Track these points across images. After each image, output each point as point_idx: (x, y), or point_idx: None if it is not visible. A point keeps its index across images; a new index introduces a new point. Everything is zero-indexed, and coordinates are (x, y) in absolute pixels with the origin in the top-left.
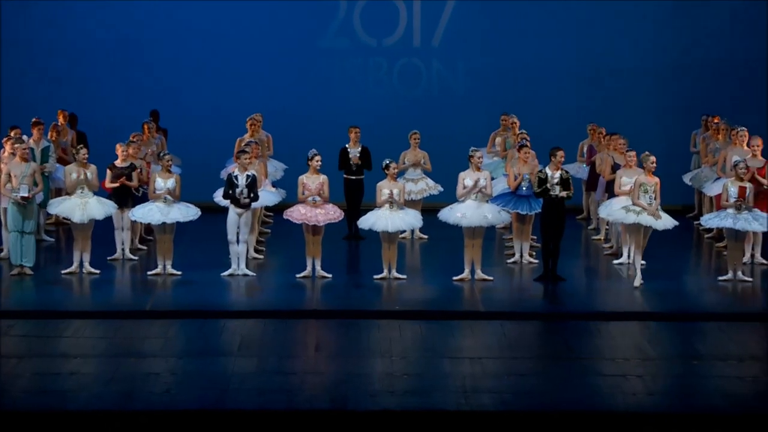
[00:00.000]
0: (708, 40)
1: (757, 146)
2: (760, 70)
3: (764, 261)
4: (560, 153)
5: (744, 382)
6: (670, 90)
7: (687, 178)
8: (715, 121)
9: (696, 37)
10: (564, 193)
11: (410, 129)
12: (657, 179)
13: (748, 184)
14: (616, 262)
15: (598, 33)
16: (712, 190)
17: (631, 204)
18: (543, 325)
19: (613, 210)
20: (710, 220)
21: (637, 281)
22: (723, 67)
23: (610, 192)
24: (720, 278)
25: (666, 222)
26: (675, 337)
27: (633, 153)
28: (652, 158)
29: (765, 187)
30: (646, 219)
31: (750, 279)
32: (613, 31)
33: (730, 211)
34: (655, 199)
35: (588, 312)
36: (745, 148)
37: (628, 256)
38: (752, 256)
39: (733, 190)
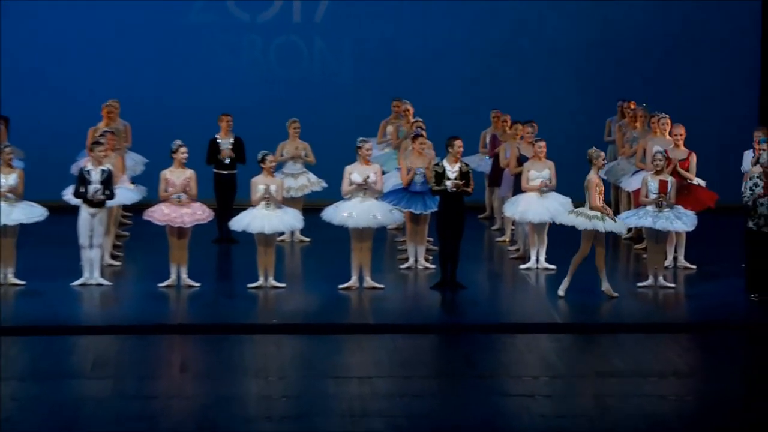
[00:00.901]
0: (624, 16)
1: (680, 135)
2: (682, 49)
3: (688, 265)
4: (458, 143)
5: (666, 402)
6: (583, 73)
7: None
8: (632, 106)
9: (611, 14)
10: (463, 189)
11: (289, 117)
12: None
13: (669, 178)
14: (522, 267)
15: (502, 10)
16: (630, 184)
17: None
18: (441, 339)
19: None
20: (628, 219)
21: (604, 286)
22: (641, 47)
23: (517, 188)
24: (639, 284)
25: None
26: (589, 352)
27: (542, 143)
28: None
29: (689, 181)
30: (610, 224)
31: (672, 285)
32: (519, 8)
33: (650, 208)
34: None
35: (491, 324)
36: (667, 137)
37: (537, 260)
38: (675, 259)
39: (654, 185)
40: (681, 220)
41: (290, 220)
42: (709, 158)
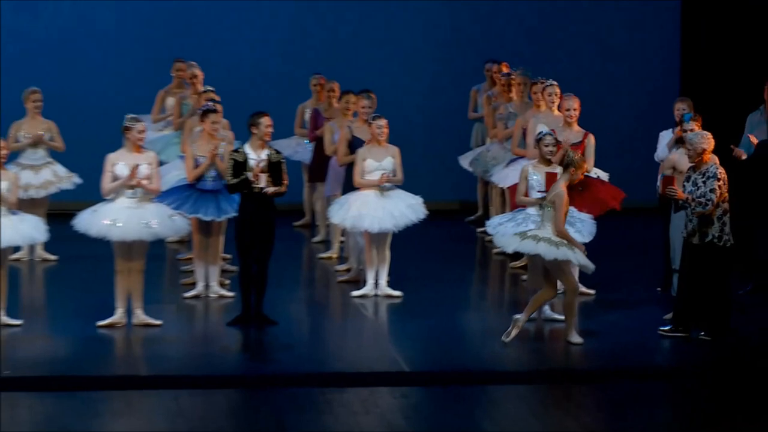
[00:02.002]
0: None
1: (574, 110)
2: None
3: (585, 289)
4: (265, 121)
5: None
6: (438, 25)
7: (465, 161)
8: (504, 70)
9: None
10: (272, 189)
11: (26, 87)
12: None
13: (559, 169)
14: (356, 293)
15: None
16: (504, 178)
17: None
18: (242, 395)
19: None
20: (500, 227)
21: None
22: None
23: (348, 183)
24: (516, 317)
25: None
26: (448, 410)
27: (383, 122)
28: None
29: (585, 173)
30: (582, 257)
31: (563, 317)
32: None
33: (532, 211)
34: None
35: (312, 374)
36: (556, 112)
37: (375, 284)
38: None
39: (537, 178)
40: (574, 228)
41: (29, 230)
42: (612, 142)
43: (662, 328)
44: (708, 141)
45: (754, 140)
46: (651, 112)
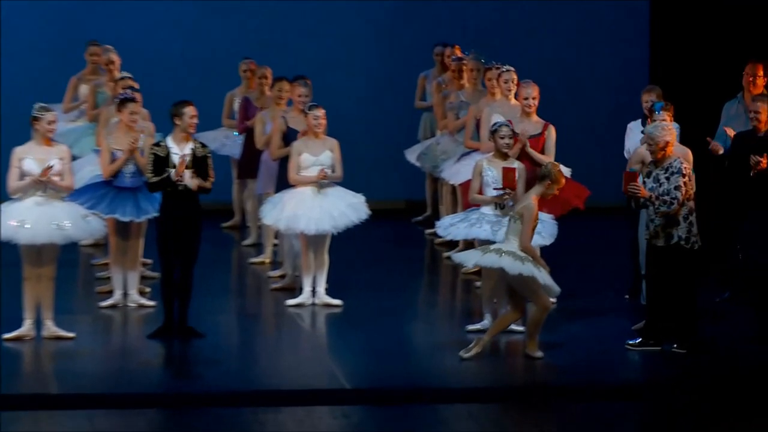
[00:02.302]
0: None
1: (533, 98)
2: None
3: None
4: (190, 111)
5: None
6: (385, 6)
7: (412, 155)
8: (456, 54)
9: None
10: (196, 182)
11: None
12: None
13: (517, 164)
14: (291, 302)
15: None
16: (456, 174)
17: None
18: (164, 414)
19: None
20: (452, 228)
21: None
22: None
23: (282, 180)
24: (470, 328)
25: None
26: (394, 431)
27: (321, 112)
28: None
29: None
30: (547, 277)
31: (521, 328)
32: None
33: (487, 210)
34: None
35: (242, 392)
36: (512, 101)
37: (313, 292)
38: None
39: (492, 174)
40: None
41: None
42: (576, 134)
43: (630, 342)
44: (670, 133)
45: (731, 132)
46: (619, 102)
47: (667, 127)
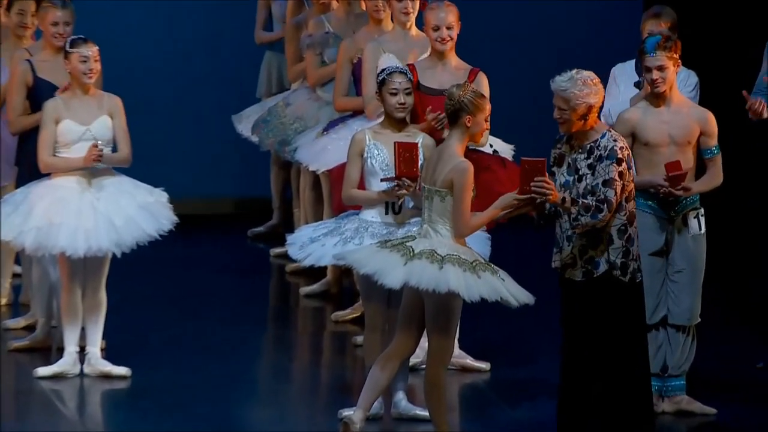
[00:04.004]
0: None
1: (448, 27)
2: None
3: (471, 362)
4: None
5: None
6: None
7: (245, 123)
8: None
9: None
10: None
11: None
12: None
13: (422, 137)
14: (43, 372)
15: None
16: (320, 156)
17: None
18: None
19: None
20: (314, 247)
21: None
22: None
23: (27, 166)
24: (344, 413)
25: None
26: None
27: (92, 49)
28: None
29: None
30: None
31: (426, 413)
32: None
33: (374, 217)
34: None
35: None
36: (414, 32)
37: (79, 354)
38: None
39: (381, 155)
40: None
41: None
42: (526, 94)
43: None
44: (596, 92)
45: None
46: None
47: (592, 81)
